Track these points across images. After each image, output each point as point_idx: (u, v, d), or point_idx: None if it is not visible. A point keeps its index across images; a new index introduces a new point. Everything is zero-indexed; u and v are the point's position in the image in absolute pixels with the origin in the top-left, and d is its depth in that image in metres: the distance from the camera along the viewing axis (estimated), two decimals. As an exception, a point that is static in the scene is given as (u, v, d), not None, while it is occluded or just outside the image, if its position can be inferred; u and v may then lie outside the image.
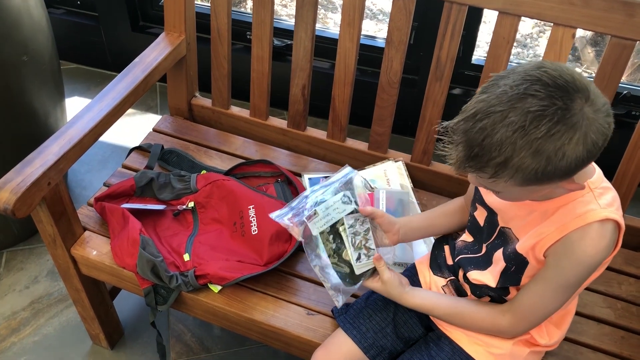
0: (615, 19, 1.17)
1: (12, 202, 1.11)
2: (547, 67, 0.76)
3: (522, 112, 0.74)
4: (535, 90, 0.74)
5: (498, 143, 0.75)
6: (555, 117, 0.73)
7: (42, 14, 1.60)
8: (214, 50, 1.56)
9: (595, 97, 0.76)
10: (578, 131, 0.74)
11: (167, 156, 1.52)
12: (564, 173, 0.78)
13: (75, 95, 2.30)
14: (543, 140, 0.74)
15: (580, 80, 0.76)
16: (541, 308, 0.96)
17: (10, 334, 1.63)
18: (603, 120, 0.76)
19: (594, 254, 0.88)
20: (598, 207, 0.87)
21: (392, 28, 1.36)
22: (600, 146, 0.78)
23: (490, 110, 0.76)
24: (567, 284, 0.93)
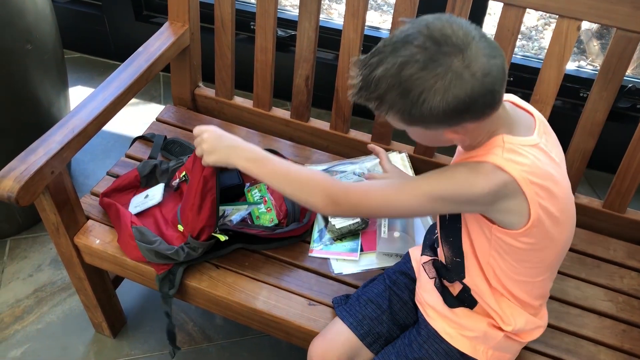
0: (621, 11, 1.16)
1: (15, 190, 1.12)
2: (438, 20, 0.83)
3: (397, 55, 0.81)
4: (413, 38, 0.81)
5: (377, 79, 0.83)
6: (420, 64, 0.80)
7: (46, 3, 1.60)
8: (217, 40, 1.55)
9: (472, 55, 0.80)
10: (438, 82, 0.80)
11: (169, 146, 1.52)
12: (434, 118, 0.83)
13: (78, 85, 2.30)
14: (407, 83, 0.81)
15: (460, 38, 0.81)
16: (389, 194, 0.94)
17: (13, 321, 1.64)
18: (471, 77, 0.80)
19: (469, 183, 0.88)
20: (497, 155, 0.88)
21: (396, 18, 1.35)
22: (467, 101, 0.81)
23: (380, 50, 0.84)
24: (427, 193, 0.91)
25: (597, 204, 1.42)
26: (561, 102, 1.96)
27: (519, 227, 0.91)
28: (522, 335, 1.08)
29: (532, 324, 1.07)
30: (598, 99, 1.28)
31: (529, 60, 1.99)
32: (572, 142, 1.35)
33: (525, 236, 0.92)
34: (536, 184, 0.89)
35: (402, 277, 1.21)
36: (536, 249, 0.95)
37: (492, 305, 1.05)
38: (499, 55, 0.83)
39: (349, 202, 0.96)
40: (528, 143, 0.91)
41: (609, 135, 1.51)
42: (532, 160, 0.89)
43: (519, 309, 1.05)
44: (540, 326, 1.10)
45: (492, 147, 0.89)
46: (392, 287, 1.20)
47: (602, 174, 2.01)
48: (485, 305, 1.05)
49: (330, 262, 1.31)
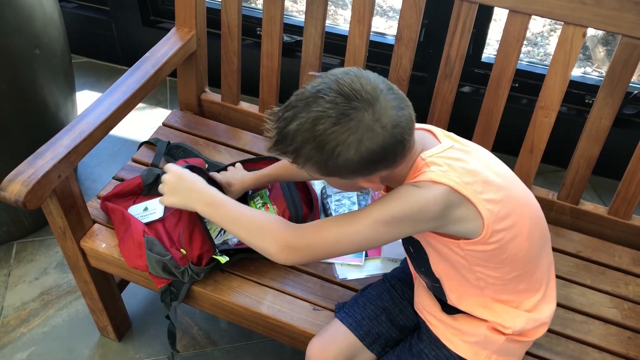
0: (626, 18, 1.17)
1: (23, 194, 1.12)
2: (347, 75, 0.86)
3: (310, 110, 0.84)
4: (325, 94, 0.84)
5: (291, 133, 0.85)
6: (333, 119, 0.83)
7: (54, 8, 1.61)
8: (224, 46, 1.56)
9: (381, 108, 0.84)
10: (352, 135, 0.83)
11: (173, 151, 1.52)
12: (349, 170, 0.87)
13: (85, 89, 2.31)
14: (322, 137, 0.84)
15: (369, 92, 0.84)
16: (342, 229, 0.92)
17: (19, 324, 1.65)
18: (382, 130, 0.84)
19: (414, 203, 0.89)
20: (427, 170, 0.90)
21: (402, 25, 1.36)
22: (380, 152, 0.85)
23: (293, 104, 0.87)
24: (378, 219, 0.90)
25: (602, 211, 1.41)
26: (566, 108, 1.96)
27: (480, 231, 0.92)
28: (526, 335, 1.07)
29: (534, 321, 1.06)
30: (603, 105, 1.28)
31: (535, 67, 1.99)
32: (578, 149, 1.35)
33: (491, 236, 0.93)
34: (471, 182, 0.90)
35: (400, 283, 1.21)
36: (508, 240, 0.95)
37: (485, 316, 1.05)
38: (406, 106, 0.87)
39: (303, 243, 0.95)
40: (443, 149, 0.94)
41: (614, 141, 1.51)
42: (456, 163, 0.92)
43: (515, 310, 1.04)
44: (543, 322, 1.08)
45: (418, 170, 0.92)
46: (392, 290, 1.20)
47: (608, 180, 2.00)
48: (480, 317, 1.05)
49: (334, 267, 1.31)
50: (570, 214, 1.43)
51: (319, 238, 0.94)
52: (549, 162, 2.02)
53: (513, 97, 1.97)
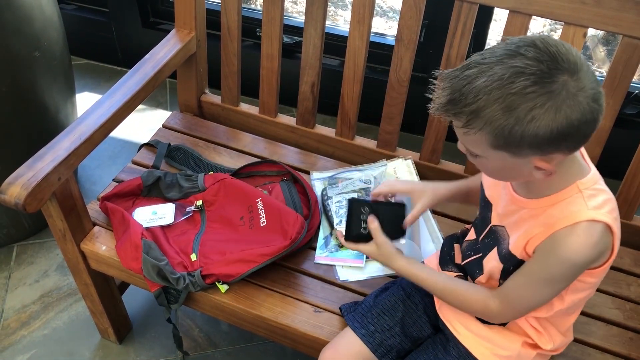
0: (627, 18, 1.16)
1: (22, 197, 1.12)
2: (549, 37, 0.78)
3: (506, 66, 0.75)
4: (525, 50, 0.75)
5: (476, 90, 0.76)
6: (534, 77, 0.74)
7: (54, 10, 1.61)
8: (223, 47, 1.56)
9: (584, 77, 0.76)
10: (552, 99, 0.74)
11: (173, 153, 1.52)
12: (534, 142, 0.78)
13: (85, 91, 2.31)
14: (516, 96, 0.74)
15: (575, 57, 0.76)
16: (526, 299, 0.96)
17: (20, 327, 1.65)
18: (585, 100, 0.76)
19: (579, 252, 0.86)
20: (585, 208, 0.85)
21: (402, 26, 1.35)
22: (575, 126, 0.76)
23: (481, 62, 0.78)
24: (551, 280, 0.91)
25: (603, 211, 1.41)
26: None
27: (602, 262, 0.91)
28: (554, 351, 1.08)
29: (565, 342, 1.08)
30: (605, 106, 1.27)
31: (535, 67, 1.98)
32: (579, 149, 1.35)
33: (608, 266, 0.93)
34: (617, 217, 0.88)
35: (416, 291, 1.19)
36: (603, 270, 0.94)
37: (530, 332, 1.05)
38: (601, 87, 0.79)
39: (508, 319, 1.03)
40: (595, 179, 0.89)
41: (615, 141, 1.50)
42: (606, 196, 0.88)
43: (555, 330, 1.05)
44: (569, 341, 1.10)
45: (572, 199, 0.87)
46: (407, 300, 1.18)
47: (609, 180, 1.99)
48: (526, 329, 1.05)
49: (335, 269, 1.31)
50: (572, 215, 1.43)
51: (518, 313, 1.00)
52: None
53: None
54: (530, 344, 1.06)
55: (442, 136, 1.45)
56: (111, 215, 1.35)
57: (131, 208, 1.37)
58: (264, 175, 1.46)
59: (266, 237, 1.27)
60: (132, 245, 1.25)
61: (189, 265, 1.26)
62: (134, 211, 1.35)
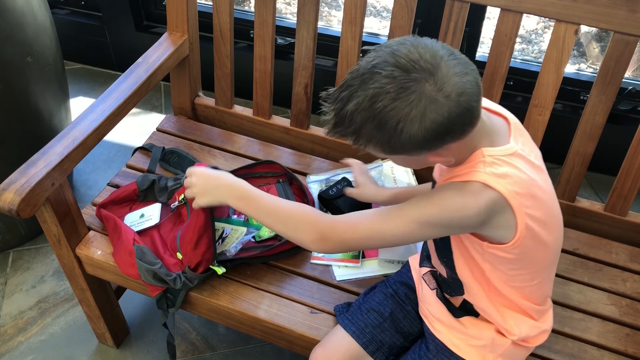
0: (618, 15, 1.16)
1: (16, 202, 1.12)
2: (402, 45, 0.81)
3: (367, 88, 0.79)
4: (381, 68, 0.79)
5: (349, 114, 0.81)
6: (392, 94, 0.78)
7: (46, 15, 1.61)
8: (216, 50, 1.56)
9: (443, 76, 0.79)
10: (414, 109, 0.78)
11: (168, 156, 1.51)
12: (415, 146, 0.82)
13: (80, 95, 2.31)
14: (382, 114, 0.79)
15: (429, 60, 0.79)
16: (376, 223, 0.92)
17: (17, 333, 1.64)
18: (446, 100, 0.79)
19: (459, 206, 0.86)
20: (481, 171, 0.86)
21: (393, 26, 1.36)
22: (446, 124, 0.80)
23: (349, 83, 0.82)
24: (415, 219, 0.89)
25: (598, 207, 1.41)
26: (561, 105, 1.96)
27: (509, 239, 0.91)
28: (529, 341, 1.08)
29: (537, 329, 1.07)
30: (597, 102, 1.28)
31: (529, 64, 1.99)
32: (572, 146, 1.35)
33: (516, 247, 0.92)
34: (521, 194, 0.88)
35: (403, 287, 1.20)
36: (527, 256, 0.95)
37: (495, 318, 1.04)
38: (471, 71, 0.82)
39: (337, 236, 0.95)
40: (507, 152, 0.89)
41: (609, 137, 1.50)
42: (514, 171, 0.88)
43: (521, 317, 1.05)
44: (545, 330, 1.09)
45: (475, 164, 0.88)
46: (395, 295, 1.19)
47: (604, 176, 2.01)
48: (488, 317, 1.05)
49: (332, 269, 1.31)
50: (567, 212, 1.43)
51: (353, 233, 0.94)
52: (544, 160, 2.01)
53: (508, 95, 1.97)
54: (502, 332, 1.06)
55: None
56: (105, 222, 1.34)
57: (128, 214, 1.37)
58: (260, 177, 1.46)
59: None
60: (126, 252, 1.25)
61: (181, 264, 1.25)
62: (125, 217, 1.35)
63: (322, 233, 0.95)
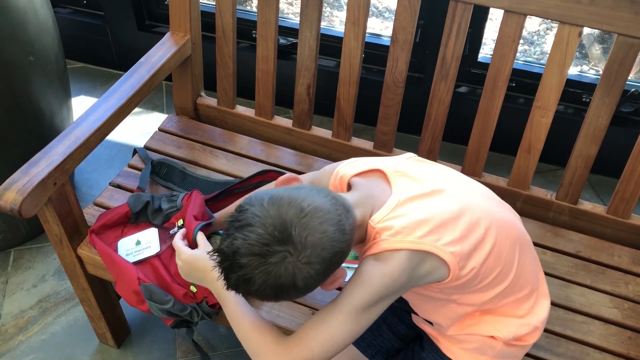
0: (622, 17, 1.16)
1: (18, 202, 1.12)
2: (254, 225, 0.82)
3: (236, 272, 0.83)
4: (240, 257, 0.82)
5: (235, 287, 0.86)
6: (261, 278, 0.82)
7: (48, 14, 1.61)
8: (219, 50, 1.56)
9: (300, 246, 0.81)
10: (286, 283, 0.82)
11: (157, 169, 1.47)
12: (307, 292, 0.87)
13: (81, 95, 2.31)
14: (260, 293, 0.84)
15: (281, 233, 0.81)
16: (324, 334, 0.90)
17: (18, 332, 1.64)
18: (310, 267, 0.82)
19: (381, 279, 0.88)
20: (381, 243, 0.89)
21: (397, 27, 1.35)
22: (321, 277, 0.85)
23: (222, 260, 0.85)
24: (353, 310, 0.89)
25: (600, 210, 1.41)
26: (563, 107, 1.96)
27: (447, 274, 0.91)
28: (522, 339, 1.06)
29: (527, 326, 1.05)
30: (600, 104, 1.27)
31: (531, 66, 1.99)
32: (575, 149, 1.35)
33: (460, 273, 0.92)
34: (426, 233, 0.89)
35: None
36: (480, 266, 0.94)
37: (477, 331, 1.04)
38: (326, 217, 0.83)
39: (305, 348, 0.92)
40: (391, 207, 0.91)
41: (612, 139, 1.50)
42: (405, 220, 0.89)
43: (504, 319, 1.04)
44: (536, 327, 1.06)
45: (371, 239, 0.91)
46: None
47: (606, 178, 2.00)
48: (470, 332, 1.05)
49: (333, 271, 1.31)
50: (569, 214, 1.43)
51: (308, 353, 0.91)
52: (547, 161, 2.01)
53: (510, 97, 1.97)
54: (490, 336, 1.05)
55: (438, 136, 1.45)
56: (101, 255, 1.28)
57: (120, 237, 1.31)
58: (254, 188, 1.42)
59: None
60: (131, 291, 1.21)
61: (193, 296, 1.20)
62: (118, 243, 1.29)
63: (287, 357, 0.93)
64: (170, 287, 1.21)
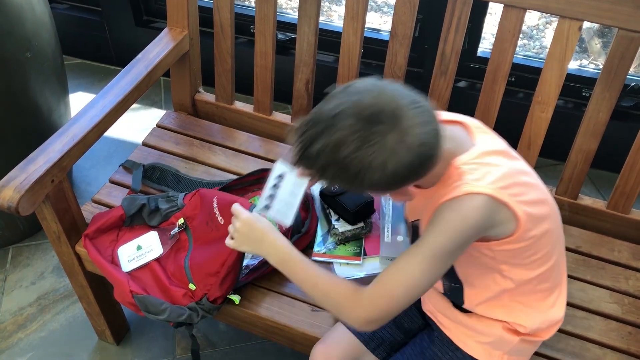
0: (622, 11, 1.15)
1: (15, 200, 1.11)
2: (367, 93, 0.82)
3: (330, 136, 0.82)
4: (344, 118, 0.81)
5: (314, 154, 0.83)
6: (355, 143, 0.81)
7: (45, 10, 1.60)
8: (217, 46, 1.55)
9: (406, 130, 0.81)
10: (376, 159, 0.81)
11: (149, 173, 1.45)
12: (377, 189, 0.87)
13: (79, 91, 2.30)
14: (345, 161, 0.82)
15: (393, 112, 0.81)
16: (406, 279, 0.91)
17: (17, 329, 1.64)
18: (407, 152, 0.81)
19: (457, 223, 0.88)
20: (461, 183, 0.89)
21: (396, 22, 1.34)
22: (406, 172, 0.83)
23: (315, 123, 0.84)
24: (432, 254, 0.90)
25: (601, 205, 1.40)
26: (563, 101, 1.95)
27: (513, 230, 0.92)
28: (539, 335, 1.07)
29: (548, 321, 1.06)
30: (601, 99, 1.27)
31: (531, 60, 1.98)
32: (575, 143, 1.34)
33: (523, 234, 0.92)
34: (506, 186, 0.90)
35: None
36: (536, 237, 0.95)
37: (502, 316, 1.04)
38: (432, 121, 0.84)
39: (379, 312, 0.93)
40: (477, 154, 0.92)
41: (612, 134, 1.49)
42: (490, 168, 0.90)
43: (531, 310, 1.04)
44: (556, 322, 1.08)
45: (452, 179, 0.91)
46: None
47: (606, 173, 1.99)
48: (495, 316, 1.05)
49: (333, 267, 1.30)
50: (569, 209, 1.42)
51: (391, 300, 0.92)
52: (547, 156, 2.00)
53: (510, 91, 1.96)
54: (510, 330, 1.05)
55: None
56: (95, 264, 1.28)
57: (116, 243, 1.30)
58: (251, 185, 1.43)
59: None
60: (127, 302, 1.21)
61: (192, 295, 1.20)
62: (118, 250, 1.28)
63: (365, 318, 0.94)
64: (168, 290, 1.21)
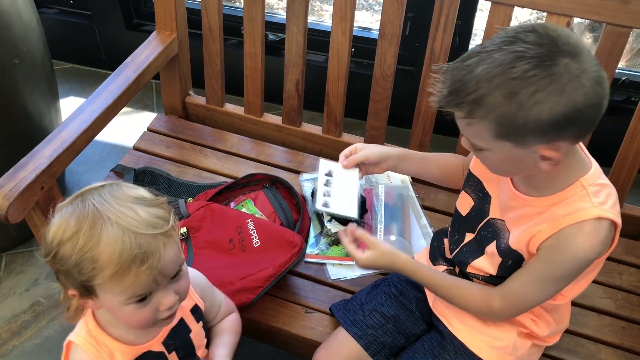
0: (609, 6, 1.15)
1: (4, 207, 1.11)
2: (548, 23, 0.81)
3: (507, 52, 0.75)
4: (525, 35, 0.75)
5: (477, 78, 0.76)
6: (535, 60, 0.73)
7: (32, 15, 1.59)
8: (206, 48, 1.54)
9: (586, 60, 0.75)
10: (555, 82, 0.73)
11: (140, 177, 1.45)
12: (538, 128, 0.77)
13: (71, 95, 2.28)
14: (518, 81, 0.74)
15: (576, 41, 0.76)
16: (530, 297, 0.95)
17: (11, 337, 1.63)
18: (588, 83, 0.75)
19: (587, 251, 0.87)
20: (591, 205, 0.86)
21: (384, 21, 1.34)
22: (579, 109, 0.75)
23: (480, 51, 0.77)
24: (556, 278, 0.92)
25: (593, 200, 1.40)
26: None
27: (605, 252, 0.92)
28: (548, 340, 1.08)
29: (560, 328, 1.08)
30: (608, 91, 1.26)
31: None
32: (566, 139, 1.34)
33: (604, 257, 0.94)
34: (615, 204, 0.89)
35: (409, 286, 1.18)
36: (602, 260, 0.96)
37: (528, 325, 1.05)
38: (604, 72, 0.79)
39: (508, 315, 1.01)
40: (597, 174, 0.90)
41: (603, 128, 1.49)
42: (609, 190, 0.89)
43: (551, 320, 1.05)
44: (564, 328, 1.10)
45: (578, 196, 0.87)
46: (399, 296, 1.17)
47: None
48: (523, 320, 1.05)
49: (326, 268, 1.30)
50: (562, 205, 1.42)
51: (519, 311, 0.99)
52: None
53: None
54: (525, 334, 1.06)
55: (429, 130, 1.44)
56: None
57: None
58: (244, 187, 1.42)
59: (262, 258, 1.23)
60: None
61: None
62: None
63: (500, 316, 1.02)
64: None
